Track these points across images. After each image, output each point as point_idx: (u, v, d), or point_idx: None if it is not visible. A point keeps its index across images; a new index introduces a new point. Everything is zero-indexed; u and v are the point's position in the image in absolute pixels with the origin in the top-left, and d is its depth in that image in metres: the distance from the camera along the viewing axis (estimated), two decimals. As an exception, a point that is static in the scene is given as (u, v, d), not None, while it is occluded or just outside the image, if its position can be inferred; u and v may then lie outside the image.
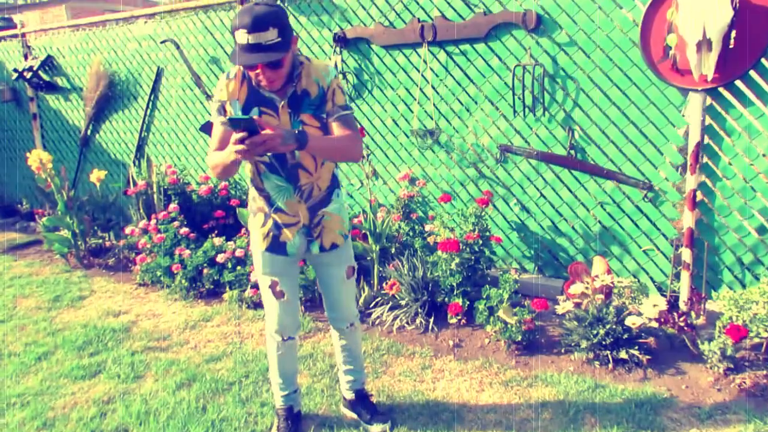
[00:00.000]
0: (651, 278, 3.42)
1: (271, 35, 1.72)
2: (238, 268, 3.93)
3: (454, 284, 3.38)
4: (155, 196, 4.65)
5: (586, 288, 2.92)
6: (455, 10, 3.64)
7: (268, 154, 1.95)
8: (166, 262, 4.15)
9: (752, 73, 2.90)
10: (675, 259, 3.28)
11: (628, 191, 3.37)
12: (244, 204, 4.64)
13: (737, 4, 2.68)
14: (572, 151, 3.46)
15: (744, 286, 3.17)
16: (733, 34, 2.74)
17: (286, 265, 2.18)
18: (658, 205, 3.30)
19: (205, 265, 4.03)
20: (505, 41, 3.51)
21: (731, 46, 2.76)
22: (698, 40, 2.77)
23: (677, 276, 3.28)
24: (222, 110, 1.99)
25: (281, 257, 2.15)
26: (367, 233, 3.70)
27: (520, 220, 3.76)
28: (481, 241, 3.44)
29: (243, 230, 4.33)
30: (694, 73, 2.88)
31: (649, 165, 3.27)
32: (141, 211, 4.74)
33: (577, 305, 3.00)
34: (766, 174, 2.99)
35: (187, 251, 4.11)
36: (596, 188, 3.45)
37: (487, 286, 3.29)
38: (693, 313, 2.84)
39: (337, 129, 1.97)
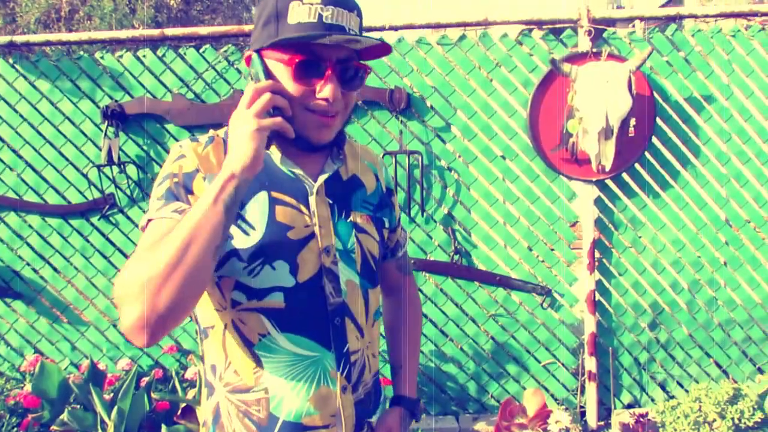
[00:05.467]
0: (552, 395, 2.93)
1: (354, 23, 0.93)
2: None
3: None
4: None
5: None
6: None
7: (287, 285, 0.96)
8: None
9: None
10: (579, 369, 2.87)
11: (522, 298, 2.87)
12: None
13: (635, 92, 2.49)
14: (456, 256, 2.83)
15: (642, 388, 2.92)
16: (633, 122, 2.53)
17: None
18: (556, 310, 2.87)
19: None
20: (365, 124, 2.76)
21: (631, 134, 2.55)
22: (601, 127, 2.49)
23: (581, 389, 2.86)
24: (184, 191, 0.92)
25: None
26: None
27: (396, 347, 2.91)
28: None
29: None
30: (593, 162, 2.59)
31: (542, 267, 2.84)
32: None
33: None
34: (653, 267, 2.83)
35: None
36: (487, 298, 2.86)
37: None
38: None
39: (394, 275, 1.23)
